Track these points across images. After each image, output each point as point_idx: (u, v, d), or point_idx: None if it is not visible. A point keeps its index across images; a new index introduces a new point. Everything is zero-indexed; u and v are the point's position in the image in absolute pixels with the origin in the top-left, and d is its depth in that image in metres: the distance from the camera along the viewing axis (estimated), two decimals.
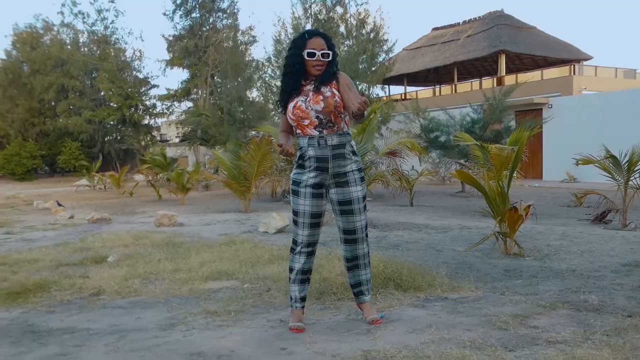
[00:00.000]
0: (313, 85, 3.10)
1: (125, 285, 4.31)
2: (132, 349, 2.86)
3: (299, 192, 3.10)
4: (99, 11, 31.42)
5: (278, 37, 17.11)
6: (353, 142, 3.20)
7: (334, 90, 3.10)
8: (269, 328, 3.15)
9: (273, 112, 20.32)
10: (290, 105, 3.09)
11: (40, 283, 4.38)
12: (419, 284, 3.92)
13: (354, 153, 3.16)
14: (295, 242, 3.18)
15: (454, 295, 3.76)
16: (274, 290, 3.99)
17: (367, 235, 3.21)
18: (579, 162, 7.81)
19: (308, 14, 16.95)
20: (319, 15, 16.96)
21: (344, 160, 3.09)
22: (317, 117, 3.05)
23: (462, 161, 13.17)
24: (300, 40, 3.11)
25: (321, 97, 3.06)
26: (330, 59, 3.08)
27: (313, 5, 17.05)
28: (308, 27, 17.16)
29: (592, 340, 2.75)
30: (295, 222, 3.16)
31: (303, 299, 3.21)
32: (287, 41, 16.87)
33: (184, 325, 3.25)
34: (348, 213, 3.12)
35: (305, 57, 3.06)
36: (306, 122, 3.06)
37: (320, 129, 3.06)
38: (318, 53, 3.05)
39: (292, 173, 3.18)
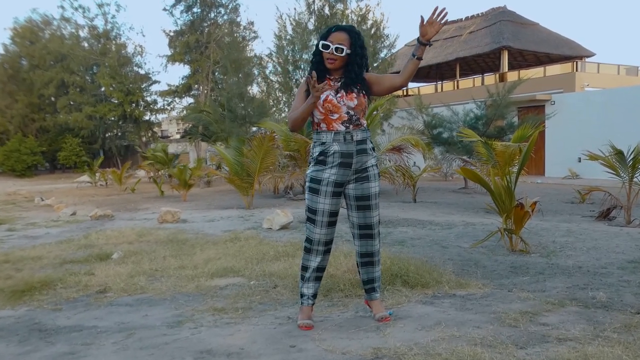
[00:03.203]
0: (340, 84, 3.06)
1: (131, 282, 4.30)
2: (141, 347, 2.85)
3: (320, 191, 3.04)
4: (100, 5, 31.39)
5: (280, 33, 17.03)
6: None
7: (363, 92, 3.10)
8: (277, 325, 3.14)
9: (274, 109, 20.27)
10: (320, 98, 3.03)
11: (46, 280, 4.37)
12: (426, 280, 3.91)
13: (373, 149, 3.18)
14: (310, 241, 3.12)
15: (461, 292, 3.75)
16: (281, 287, 3.98)
17: (379, 232, 3.20)
18: (587, 157, 7.77)
19: (311, 10, 16.87)
20: (322, 11, 16.89)
21: (367, 156, 3.10)
22: (348, 113, 3.04)
23: (465, 157, 13.15)
24: (326, 33, 3.09)
25: (354, 95, 3.05)
26: (343, 54, 3.01)
27: (317, 1, 16.97)
28: (311, 23, 17.06)
29: (603, 338, 2.75)
30: (311, 221, 3.09)
31: (314, 296, 3.20)
32: (289, 37, 16.80)
33: (191, 323, 3.24)
34: (366, 208, 3.11)
35: (320, 48, 3.05)
36: (335, 116, 3.03)
37: (347, 125, 3.04)
38: (332, 46, 3.01)
39: (309, 170, 3.12)
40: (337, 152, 3.03)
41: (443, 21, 2.96)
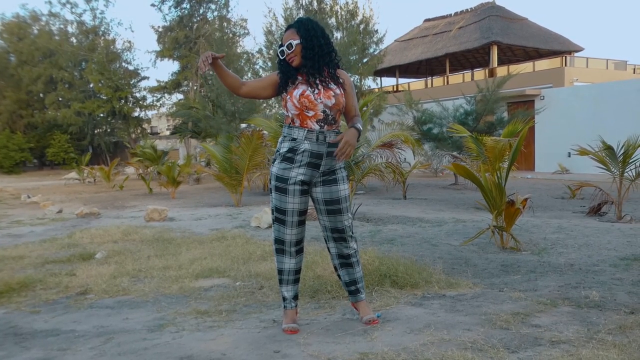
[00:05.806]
0: (311, 78, 2.95)
1: (113, 283, 4.18)
2: (118, 353, 2.74)
3: (287, 190, 2.93)
4: (88, 0, 30.99)
5: (269, 29, 16.87)
6: None
7: (341, 89, 3.00)
8: (261, 329, 3.03)
9: (264, 105, 20.11)
10: (297, 93, 2.92)
11: (25, 282, 4.24)
12: (416, 280, 3.82)
13: None
14: (282, 242, 3.02)
15: (451, 293, 3.66)
16: (267, 288, 3.88)
17: (353, 234, 3.11)
18: (577, 152, 7.72)
19: (299, 5, 16.71)
20: (309, 7, 16.74)
21: (336, 159, 3.00)
22: (324, 112, 2.93)
23: (455, 153, 13.08)
24: (281, 41, 3.04)
25: (332, 93, 2.94)
26: (294, 47, 2.92)
27: None
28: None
29: (597, 340, 2.66)
30: (281, 221, 2.99)
31: (295, 298, 3.09)
32: (279, 32, 16.65)
33: (173, 327, 3.13)
34: (336, 212, 3.01)
35: (280, 56, 3.00)
36: (311, 113, 2.92)
37: (322, 124, 2.93)
38: (284, 47, 2.96)
39: (274, 168, 2.99)
40: (307, 151, 2.91)
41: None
